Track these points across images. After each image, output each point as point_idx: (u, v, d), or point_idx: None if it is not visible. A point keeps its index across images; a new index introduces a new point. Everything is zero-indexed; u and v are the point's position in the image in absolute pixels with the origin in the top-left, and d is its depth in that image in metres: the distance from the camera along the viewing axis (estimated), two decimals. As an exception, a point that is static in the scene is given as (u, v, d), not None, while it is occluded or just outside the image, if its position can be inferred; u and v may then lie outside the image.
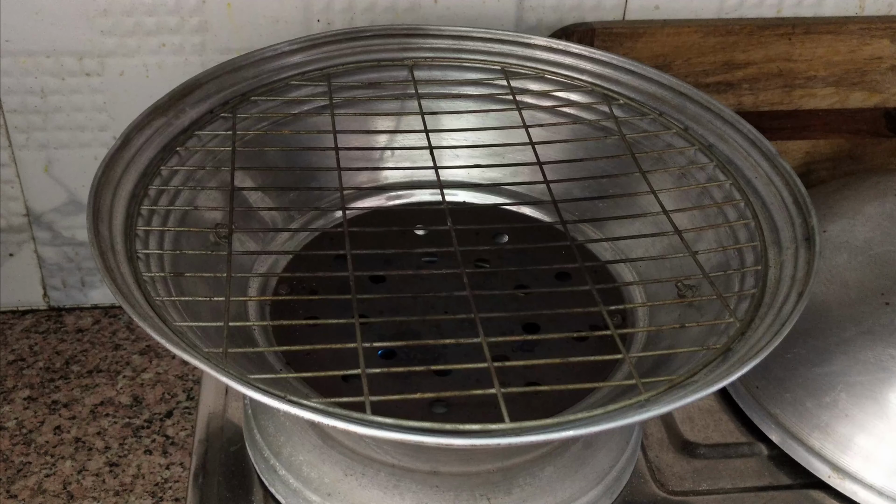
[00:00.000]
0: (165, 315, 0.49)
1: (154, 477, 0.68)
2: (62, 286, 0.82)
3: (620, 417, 0.44)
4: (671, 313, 0.58)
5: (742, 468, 0.61)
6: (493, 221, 0.66)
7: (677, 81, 0.67)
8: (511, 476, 0.54)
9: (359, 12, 0.73)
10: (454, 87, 0.70)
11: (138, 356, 0.78)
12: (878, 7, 0.79)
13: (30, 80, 0.72)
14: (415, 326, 0.58)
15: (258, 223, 0.64)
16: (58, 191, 0.77)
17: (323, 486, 0.55)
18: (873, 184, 0.71)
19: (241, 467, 0.59)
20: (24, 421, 0.72)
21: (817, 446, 0.60)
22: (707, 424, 0.64)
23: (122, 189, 0.56)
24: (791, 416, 0.61)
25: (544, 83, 0.70)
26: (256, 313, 0.59)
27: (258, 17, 0.72)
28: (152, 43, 0.72)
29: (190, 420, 0.72)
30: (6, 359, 0.77)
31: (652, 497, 0.59)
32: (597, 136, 0.67)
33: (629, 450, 0.59)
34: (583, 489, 0.56)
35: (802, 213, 0.57)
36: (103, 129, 0.75)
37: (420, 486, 0.54)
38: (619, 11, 0.76)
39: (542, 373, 0.54)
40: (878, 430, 0.58)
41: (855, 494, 0.58)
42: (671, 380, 0.47)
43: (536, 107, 0.68)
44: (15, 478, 0.67)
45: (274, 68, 0.67)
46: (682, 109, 0.67)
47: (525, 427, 0.44)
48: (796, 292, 0.52)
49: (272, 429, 0.58)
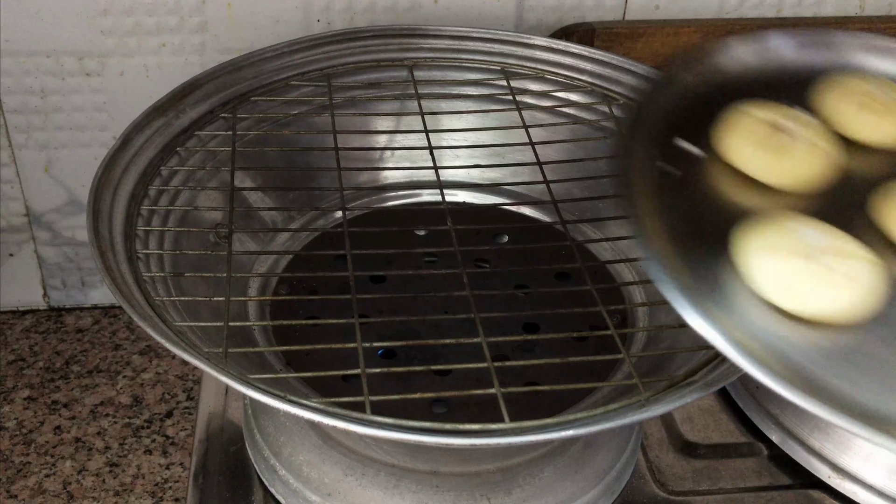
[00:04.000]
0: (165, 315, 0.49)
1: (154, 477, 0.68)
2: (62, 286, 0.82)
3: (620, 417, 0.44)
4: (671, 313, 0.58)
5: (742, 468, 0.61)
6: (493, 221, 0.66)
7: (677, 81, 0.67)
8: (511, 476, 0.54)
9: (359, 12, 0.73)
10: (454, 88, 0.70)
11: (138, 356, 0.78)
12: (878, 7, 0.79)
13: (30, 80, 0.72)
14: (415, 326, 0.58)
15: (258, 223, 0.64)
16: (58, 191, 0.77)
17: (323, 486, 0.55)
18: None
19: (241, 467, 0.59)
20: (24, 421, 0.72)
21: (817, 446, 0.60)
22: (707, 424, 0.64)
23: (122, 189, 0.56)
24: (791, 416, 0.61)
25: (544, 83, 0.70)
26: (256, 313, 0.59)
27: (258, 17, 0.72)
28: (152, 43, 0.72)
29: (190, 420, 0.72)
30: (6, 359, 0.77)
31: (652, 497, 0.59)
32: (597, 136, 0.67)
33: (629, 450, 0.59)
34: (583, 489, 0.56)
35: (802, 213, 0.57)
36: (103, 129, 0.75)
37: (420, 486, 0.54)
38: (619, 11, 0.76)
39: (541, 373, 0.54)
40: (878, 430, 0.58)
41: (855, 494, 0.58)
42: (671, 380, 0.47)
43: (536, 107, 0.68)
44: (15, 478, 0.67)
45: (274, 68, 0.67)
46: (682, 109, 0.67)
47: (525, 427, 0.44)
48: (796, 292, 0.52)
49: (272, 429, 0.58)
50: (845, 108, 0.46)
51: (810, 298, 0.37)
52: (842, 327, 0.37)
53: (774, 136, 0.43)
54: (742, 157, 0.43)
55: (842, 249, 0.38)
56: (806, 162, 0.42)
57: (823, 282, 0.37)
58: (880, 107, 0.45)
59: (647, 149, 0.43)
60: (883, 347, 0.36)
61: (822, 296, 0.37)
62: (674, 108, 0.46)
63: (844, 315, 0.37)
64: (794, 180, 0.42)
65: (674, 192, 0.41)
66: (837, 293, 0.37)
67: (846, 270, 0.37)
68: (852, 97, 0.46)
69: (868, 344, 0.37)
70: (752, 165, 0.43)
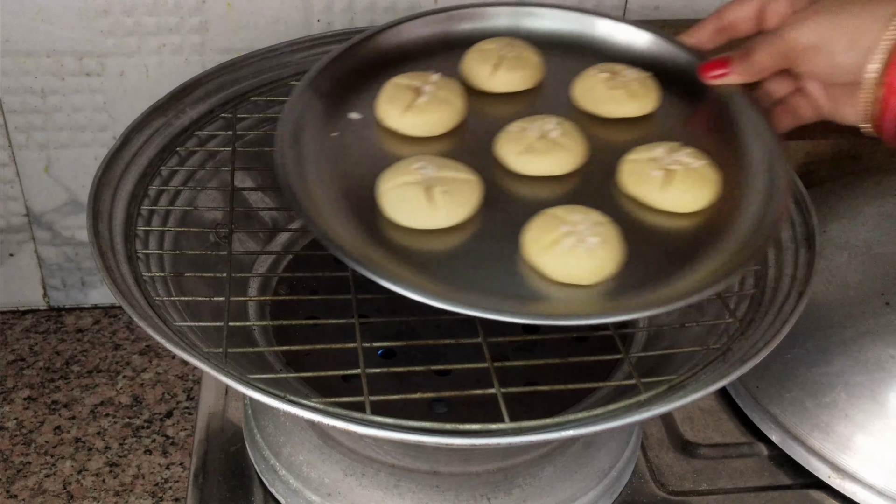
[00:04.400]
0: (165, 315, 0.49)
1: (154, 477, 0.68)
2: (62, 286, 0.82)
3: (620, 417, 0.44)
4: (671, 313, 0.58)
5: (742, 468, 0.61)
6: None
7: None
8: (511, 476, 0.54)
9: (359, 12, 0.73)
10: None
11: (138, 356, 0.78)
12: (878, 7, 0.79)
13: (30, 80, 0.72)
14: (415, 326, 0.58)
15: (258, 223, 0.64)
16: (58, 191, 0.77)
17: (323, 486, 0.55)
18: (873, 184, 0.71)
19: (241, 467, 0.59)
20: (24, 421, 0.72)
21: (817, 446, 0.60)
22: (707, 424, 0.64)
23: (122, 189, 0.56)
24: (791, 416, 0.61)
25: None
26: (256, 313, 0.59)
27: (258, 17, 0.72)
28: (152, 43, 0.72)
29: (190, 420, 0.72)
30: (6, 359, 0.77)
31: (652, 497, 0.59)
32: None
33: (629, 450, 0.59)
34: (583, 489, 0.56)
35: (802, 213, 0.57)
36: (103, 129, 0.75)
37: (420, 486, 0.54)
38: (619, 11, 0.76)
39: (541, 373, 0.54)
40: (877, 430, 0.58)
41: (855, 494, 0.58)
42: (671, 380, 0.47)
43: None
44: (15, 478, 0.67)
45: (274, 68, 0.67)
46: (682, 109, 0.67)
47: (525, 427, 0.44)
48: (796, 292, 0.52)
49: (272, 429, 0.58)
50: (476, 68, 0.57)
51: (421, 216, 0.47)
52: (450, 231, 0.47)
53: (413, 97, 0.53)
54: (390, 118, 0.54)
55: (447, 176, 0.48)
56: (436, 114, 0.53)
57: (429, 202, 0.47)
58: (500, 60, 0.56)
59: (323, 123, 0.53)
60: (480, 243, 0.47)
61: (429, 213, 0.47)
62: (347, 82, 0.56)
63: (446, 223, 0.47)
64: (426, 130, 0.53)
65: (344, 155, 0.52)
66: (442, 209, 0.47)
67: (448, 189, 0.48)
68: (482, 55, 0.57)
69: (469, 243, 0.47)
70: (397, 123, 0.53)
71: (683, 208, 0.50)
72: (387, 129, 0.54)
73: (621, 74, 0.56)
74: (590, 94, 0.56)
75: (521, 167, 0.51)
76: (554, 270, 0.45)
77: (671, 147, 0.51)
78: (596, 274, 0.45)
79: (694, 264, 0.47)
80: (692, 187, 0.49)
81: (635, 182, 0.50)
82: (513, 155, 0.51)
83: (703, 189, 0.50)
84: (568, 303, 0.45)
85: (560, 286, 0.45)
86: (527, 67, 0.57)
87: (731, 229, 0.49)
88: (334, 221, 0.47)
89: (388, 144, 0.52)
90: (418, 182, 0.48)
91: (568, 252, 0.45)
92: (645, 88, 0.56)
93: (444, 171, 0.48)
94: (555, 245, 0.45)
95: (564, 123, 0.52)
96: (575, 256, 0.45)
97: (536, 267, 0.46)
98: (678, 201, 0.49)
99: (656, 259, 0.47)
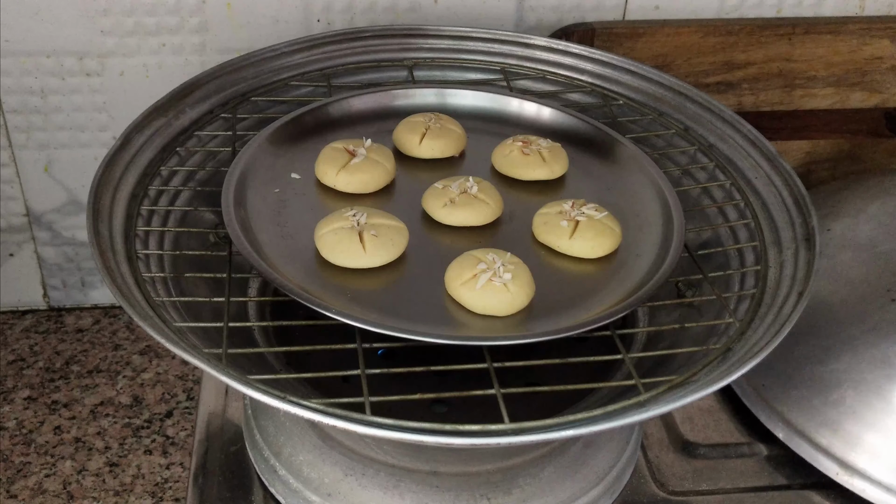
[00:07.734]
0: (165, 315, 0.49)
1: (154, 477, 0.68)
2: (62, 286, 0.82)
3: (620, 417, 0.44)
4: (671, 313, 0.58)
5: (742, 468, 0.61)
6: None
7: (677, 82, 0.67)
8: (511, 476, 0.54)
9: (359, 12, 0.73)
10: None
11: (138, 356, 0.78)
12: (878, 7, 0.79)
13: (30, 80, 0.72)
14: (415, 326, 0.58)
15: (258, 223, 0.64)
16: (58, 191, 0.77)
17: (323, 487, 0.55)
18: (875, 183, 0.71)
19: (241, 467, 0.59)
20: (24, 421, 0.72)
21: (825, 443, 0.59)
22: (707, 424, 0.64)
23: (122, 189, 0.56)
24: (798, 414, 0.61)
25: (544, 83, 0.70)
26: (256, 314, 0.59)
27: (258, 17, 0.72)
28: (152, 43, 0.72)
29: (190, 420, 0.72)
30: (6, 359, 0.77)
31: (652, 497, 0.59)
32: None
33: (629, 450, 0.59)
34: (583, 489, 0.56)
35: (802, 214, 0.57)
36: (103, 129, 0.75)
37: (420, 486, 0.54)
38: (619, 11, 0.76)
39: (541, 373, 0.54)
40: (885, 427, 0.58)
41: (863, 491, 0.58)
42: (671, 380, 0.47)
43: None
44: (15, 478, 0.67)
45: (274, 68, 0.67)
46: (681, 109, 0.67)
47: (525, 427, 0.44)
48: (796, 292, 0.52)
49: (272, 429, 0.58)
50: (406, 136, 0.63)
51: (352, 257, 0.53)
52: (381, 270, 0.53)
53: (347, 158, 0.59)
54: (326, 177, 0.59)
55: (377, 223, 0.54)
56: (367, 173, 0.59)
57: (357, 244, 0.52)
58: (427, 130, 0.63)
59: (265, 182, 0.59)
60: (408, 281, 0.53)
61: (360, 254, 0.52)
62: (290, 147, 0.62)
63: (376, 263, 0.53)
64: (359, 187, 0.59)
65: (285, 208, 0.58)
66: (372, 251, 0.53)
67: (378, 233, 0.53)
68: (412, 126, 0.63)
69: (399, 281, 0.53)
70: (332, 181, 0.59)
71: (587, 254, 0.55)
72: (324, 186, 0.60)
73: (534, 143, 0.62)
74: (507, 160, 0.62)
75: (444, 217, 0.57)
76: (472, 302, 0.51)
77: (578, 202, 0.57)
78: (510, 306, 0.51)
79: (593, 302, 0.53)
80: (597, 236, 0.55)
81: (546, 231, 0.56)
82: (437, 207, 0.57)
83: (605, 238, 0.55)
84: (484, 329, 0.51)
85: (478, 317, 0.51)
86: (450, 137, 0.63)
87: (627, 274, 0.55)
88: (279, 263, 0.53)
89: (327, 200, 0.59)
90: (351, 227, 0.53)
91: (485, 286, 0.50)
92: (553, 155, 0.62)
93: (374, 218, 0.54)
94: (474, 280, 0.51)
95: (482, 182, 0.59)
96: (491, 290, 0.50)
97: (458, 300, 0.51)
98: (583, 248, 0.55)
99: (562, 296, 0.53)
